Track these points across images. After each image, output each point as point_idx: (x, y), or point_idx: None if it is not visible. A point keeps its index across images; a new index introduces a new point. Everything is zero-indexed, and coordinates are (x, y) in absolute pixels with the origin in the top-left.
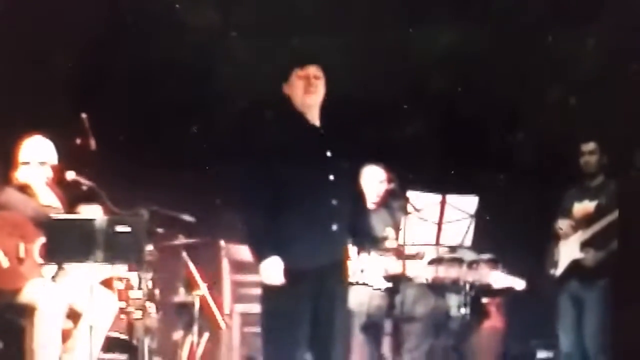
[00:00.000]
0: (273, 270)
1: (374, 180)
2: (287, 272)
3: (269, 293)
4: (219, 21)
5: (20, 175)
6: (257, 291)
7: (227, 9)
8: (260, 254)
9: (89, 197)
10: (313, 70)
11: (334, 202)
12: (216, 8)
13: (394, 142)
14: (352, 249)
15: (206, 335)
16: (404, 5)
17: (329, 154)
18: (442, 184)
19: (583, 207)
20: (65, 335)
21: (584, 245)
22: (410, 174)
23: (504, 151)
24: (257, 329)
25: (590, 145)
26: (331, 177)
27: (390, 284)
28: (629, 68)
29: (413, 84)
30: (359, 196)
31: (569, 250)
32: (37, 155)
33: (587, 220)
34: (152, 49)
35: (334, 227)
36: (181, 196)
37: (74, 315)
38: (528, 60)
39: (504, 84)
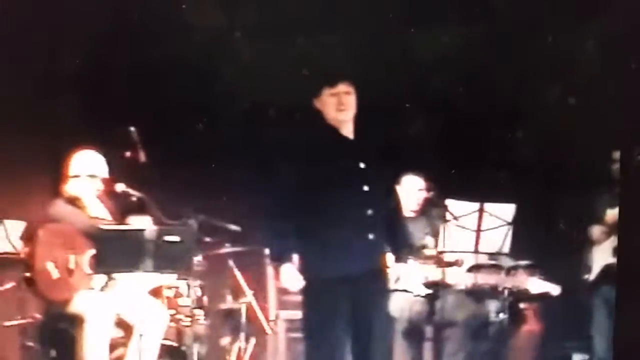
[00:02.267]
0: (289, 276)
1: (413, 189)
2: (326, 280)
3: (309, 300)
4: (224, 21)
5: (70, 188)
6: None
7: (232, 9)
8: (277, 260)
9: (139, 209)
10: (343, 87)
11: (370, 212)
12: (221, 8)
13: (432, 146)
14: (390, 257)
15: (253, 341)
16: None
17: (362, 165)
18: (480, 189)
19: (615, 213)
20: (115, 345)
21: None
22: (446, 179)
23: (533, 158)
24: (302, 335)
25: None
26: (365, 188)
27: (430, 291)
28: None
29: (416, 85)
30: (396, 205)
31: (602, 256)
32: (86, 168)
33: None
34: (156, 49)
35: (371, 237)
36: (230, 203)
37: (124, 325)
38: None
39: (508, 84)
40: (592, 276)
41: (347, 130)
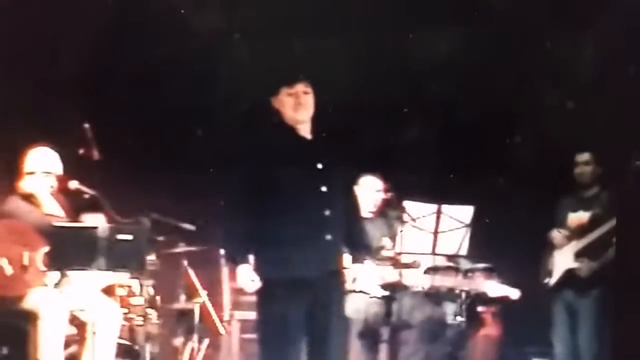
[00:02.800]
0: (246, 276)
1: (370, 190)
2: (282, 281)
3: (264, 301)
4: (223, 24)
5: (25, 184)
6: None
7: (231, 11)
8: (233, 260)
9: (93, 206)
10: (301, 87)
11: (327, 212)
12: (220, 11)
13: (390, 148)
14: (347, 258)
15: (206, 341)
16: (404, 9)
17: (320, 166)
18: (438, 191)
19: (577, 217)
20: (69, 342)
21: (578, 255)
22: (404, 180)
23: (501, 159)
24: (256, 335)
25: (584, 156)
26: (323, 189)
27: (387, 292)
28: (627, 71)
29: (412, 89)
30: (354, 206)
31: (563, 260)
32: (41, 165)
33: (581, 231)
34: (156, 52)
35: (328, 237)
36: (184, 203)
37: (77, 323)
38: (527, 64)
39: (502, 89)
40: (552, 280)
41: (305, 130)
